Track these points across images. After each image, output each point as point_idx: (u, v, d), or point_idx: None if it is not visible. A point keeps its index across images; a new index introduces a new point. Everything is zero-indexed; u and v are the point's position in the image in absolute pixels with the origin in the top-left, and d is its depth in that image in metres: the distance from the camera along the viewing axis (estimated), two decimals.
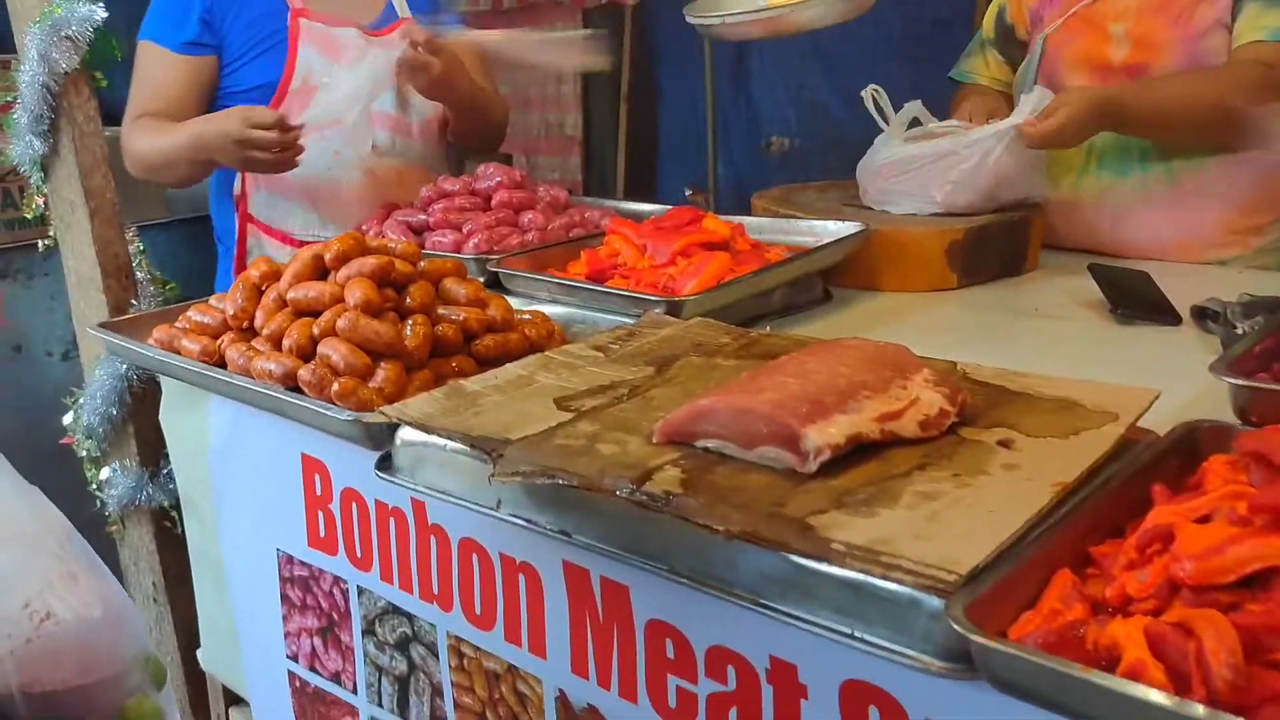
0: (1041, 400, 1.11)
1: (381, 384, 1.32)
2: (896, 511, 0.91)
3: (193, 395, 1.63)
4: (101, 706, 1.43)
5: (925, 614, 0.82)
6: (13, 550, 1.39)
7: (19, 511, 1.43)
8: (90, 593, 1.43)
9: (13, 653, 1.36)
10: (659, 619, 1.06)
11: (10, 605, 1.37)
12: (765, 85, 4.24)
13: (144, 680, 1.48)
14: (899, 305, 1.78)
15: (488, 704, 1.29)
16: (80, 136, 1.73)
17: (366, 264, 1.40)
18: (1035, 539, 0.86)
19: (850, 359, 1.11)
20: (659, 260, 1.70)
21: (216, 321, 1.52)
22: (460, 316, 1.43)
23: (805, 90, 4.11)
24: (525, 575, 1.19)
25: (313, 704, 1.60)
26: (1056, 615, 0.80)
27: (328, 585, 1.49)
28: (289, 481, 1.49)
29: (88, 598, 1.42)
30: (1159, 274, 1.69)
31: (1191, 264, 1.96)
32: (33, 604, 1.37)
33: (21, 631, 1.36)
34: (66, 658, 1.38)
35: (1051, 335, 1.62)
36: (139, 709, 1.46)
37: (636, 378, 1.26)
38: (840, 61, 3.87)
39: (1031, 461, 0.98)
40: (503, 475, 1.04)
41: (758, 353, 1.32)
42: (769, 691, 0.98)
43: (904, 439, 1.04)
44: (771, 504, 0.93)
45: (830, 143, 3.95)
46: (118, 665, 1.45)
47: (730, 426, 1.03)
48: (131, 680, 1.46)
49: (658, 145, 4.70)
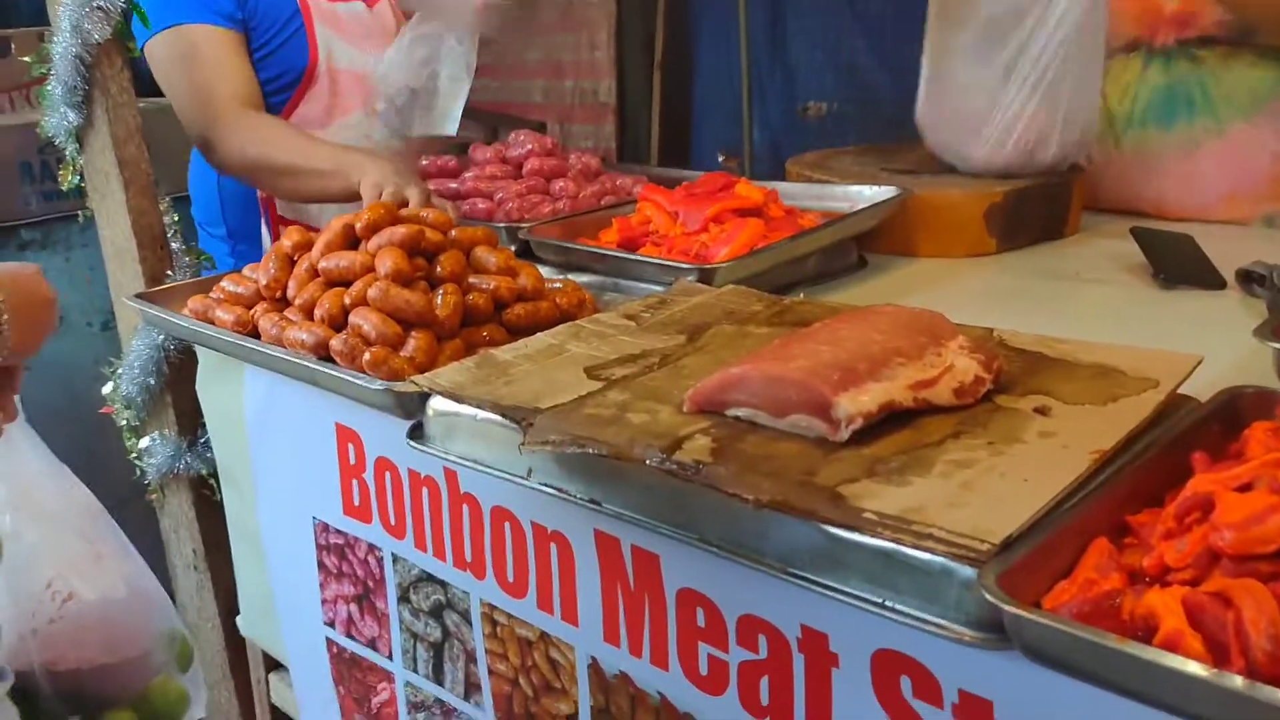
0: (1079, 367, 1.09)
1: (413, 353, 1.32)
2: (929, 480, 0.89)
3: (228, 365, 1.64)
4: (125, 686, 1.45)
5: (958, 583, 0.81)
6: (38, 530, 1.42)
7: (46, 491, 1.45)
8: (114, 573, 1.45)
9: (35, 632, 1.39)
10: (690, 588, 1.06)
11: (34, 585, 1.39)
12: (802, 48, 4.17)
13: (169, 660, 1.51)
14: (936, 271, 1.76)
15: (520, 671, 1.30)
16: (114, 107, 1.74)
17: (397, 233, 1.40)
18: (1071, 507, 0.85)
19: (884, 325, 1.10)
20: (691, 227, 1.69)
21: (250, 292, 1.53)
22: (491, 285, 1.43)
23: (843, 53, 4.04)
24: (557, 544, 1.19)
25: (350, 669, 1.61)
26: (1092, 585, 0.79)
27: (363, 553, 1.50)
28: (324, 451, 1.50)
29: (112, 578, 1.44)
30: (1203, 237, 1.66)
31: (1238, 224, 1.91)
32: (55, 584, 1.40)
33: (45, 611, 1.39)
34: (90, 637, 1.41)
35: (1092, 300, 1.59)
36: (163, 689, 1.49)
37: (668, 346, 1.25)
38: (879, 23, 3.80)
39: (1068, 429, 0.96)
40: (533, 444, 1.04)
41: (790, 320, 1.31)
42: (800, 660, 0.98)
43: (938, 407, 1.02)
44: (802, 473, 0.92)
45: (868, 106, 3.88)
46: (142, 645, 1.47)
47: (761, 395, 1.02)
48: (156, 660, 1.48)
49: (692, 111, 4.65)
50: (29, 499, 1.46)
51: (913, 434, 0.98)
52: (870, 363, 1.03)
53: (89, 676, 1.44)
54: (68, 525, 1.48)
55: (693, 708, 1.09)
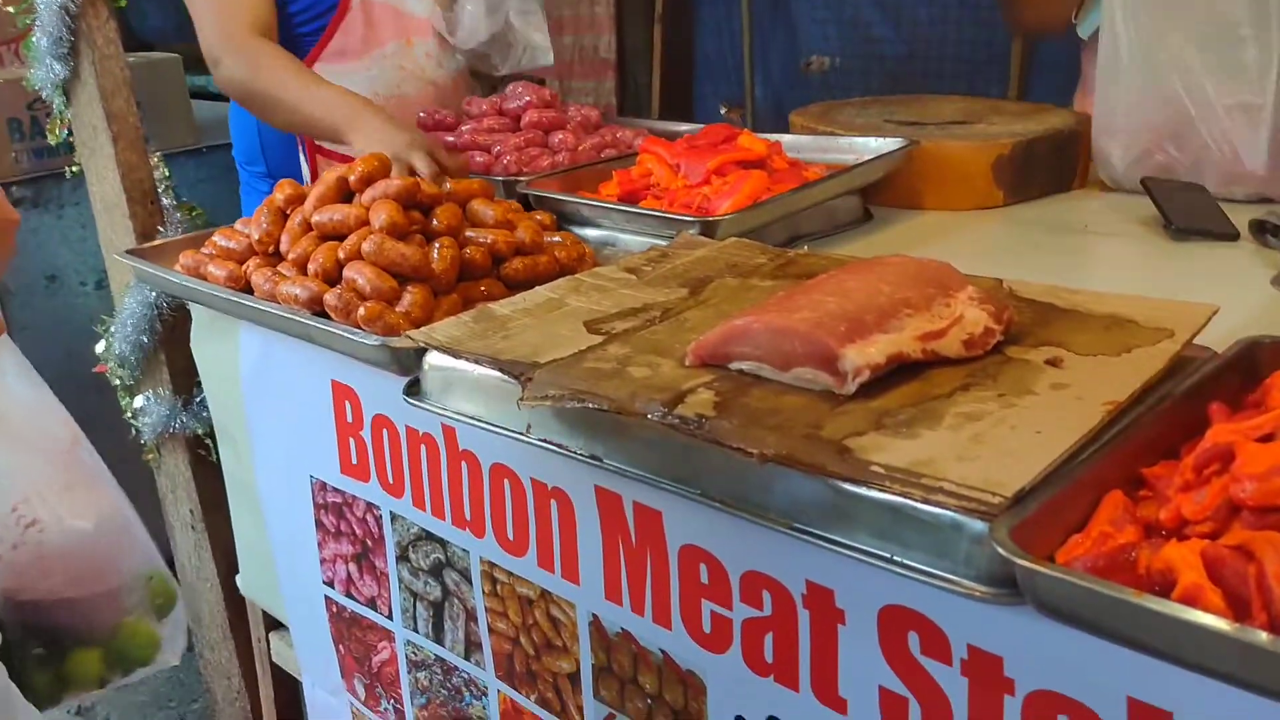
0: (1092, 317, 1.06)
1: (408, 308, 1.29)
2: (938, 433, 0.87)
3: (222, 322, 1.62)
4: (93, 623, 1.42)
5: (968, 538, 0.79)
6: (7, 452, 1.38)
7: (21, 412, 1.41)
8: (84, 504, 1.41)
9: None
10: (693, 544, 1.04)
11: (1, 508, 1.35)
12: (804, 2, 4.11)
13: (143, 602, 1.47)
14: (942, 224, 1.73)
15: (521, 629, 1.28)
16: (100, 59, 1.70)
17: (391, 185, 1.37)
18: (1085, 460, 0.82)
19: (891, 276, 1.07)
20: (693, 180, 1.66)
21: (242, 246, 1.50)
22: (488, 239, 1.40)
23: (846, 7, 3.98)
24: (557, 501, 1.17)
25: (349, 628, 1.60)
26: (1107, 538, 0.76)
27: (361, 512, 1.48)
28: (320, 408, 1.48)
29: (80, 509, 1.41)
30: None
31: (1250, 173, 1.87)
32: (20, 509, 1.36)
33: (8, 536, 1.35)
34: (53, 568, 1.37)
35: (1103, 253, 1.56)
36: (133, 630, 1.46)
37: (669, 300, 1.22)
38: None
39: (1081, 380, 0.94)
40: (531, 399, 1.01)
41: (795, 273, 1.28)
42: (805, 617, 0.96)
43: (947, 359, 0.99)
44: (808, 426, 0.90)
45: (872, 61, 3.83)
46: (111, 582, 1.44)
47: (765, 347, 0.99)
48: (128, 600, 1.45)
49: (693, 67, 4.59)
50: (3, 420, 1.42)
51: (921, 386, 0.96)
52: (877, 314, 1.00)
53: (53, 609, 1.40)
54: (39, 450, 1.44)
55: (696, 665, 1.08)
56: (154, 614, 1.53)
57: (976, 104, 2.08)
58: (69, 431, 1.49)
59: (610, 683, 1.18)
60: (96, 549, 1.45)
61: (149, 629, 1.52)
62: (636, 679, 1.15)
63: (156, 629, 1.53)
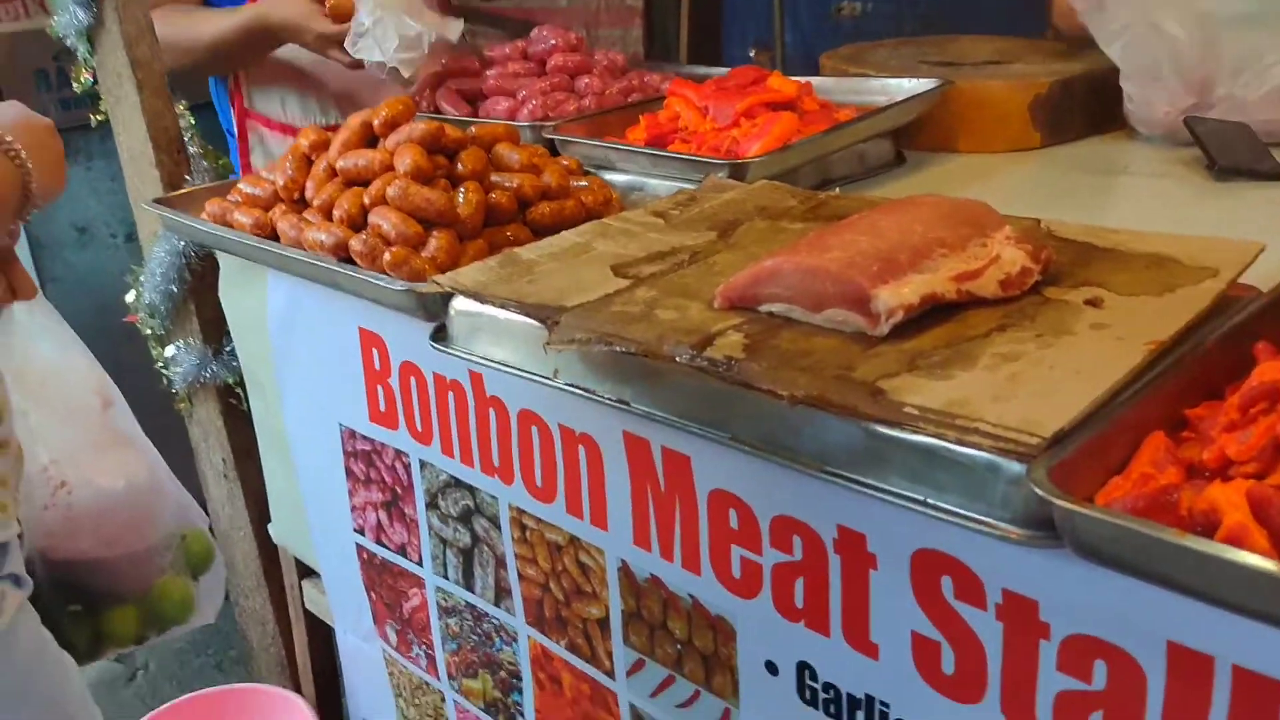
0: (1133, 256, 1.03)
1: (434, 253, 1.28)
2: (974, 373, 0.85)
3: (250, 270, 1.61)
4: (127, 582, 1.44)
5: (1004, 479, 0.77)
6: (43, 412, 1.38)
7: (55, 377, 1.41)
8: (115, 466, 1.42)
9: (30, 517, 1.36)
10: (722, 489, 1.02)
11: (32, 468, 1.36)
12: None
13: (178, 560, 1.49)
14: (977, 167, 1.69)
15: (550, 575, 1.28)
16: (123, 5, 1.68)
17: (416, 129, 1.35)
18: (1125, 400, 0.80)
19: (925, 215, 1.04)
20: (721, 122, 1.62)
21: (267, 193, 1.49)
22: (514, 183, 1.38)
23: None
24: (585, 446, 1.16)
25: (380, 576, 1.61)
26: (1148, 480, 0.74)
27: (390, 459, 1.48)
28: (348, 356, 1.47)
29: (111, 471, 1.42)
30: None
31: None
32: (51, 470, 1.37)
33: (39, 496, 1.36)
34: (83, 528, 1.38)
35: (1144, 194, 1.52)
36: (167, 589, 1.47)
37: (698, 243, 1.20)
38: None
39: (1122, 320, 0.91)
40: (558, 343, 1.00)
41: (826, 215, 1.25)
42: (836, 562, 0.95)
43: (983, 299, 0.97)
44: (840, 368, 0.88)
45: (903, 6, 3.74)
46: (144, 542, 1.45)
47: (796, 288, 0.97)
48: (161, 559, 1.47)
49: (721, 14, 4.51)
50: (36, 380, 1.43)
51: (956, 327, 0.94)
52: (911, 253, 0.98)
53: (86, 569, 1.42)
54: (71, 413, 1.45)
55: (725, 611, 1.07)
56: (189, 573, 1.55)
57: (1013, 44, 2.02)
58: (102, 394, 1.50)
59: (640, 628, 1.18)
60: (127, 510, 1.47)
61: (184, 588, 1.54)
62: (666, 624, 1.15)
63: (191, 588, 1.55)
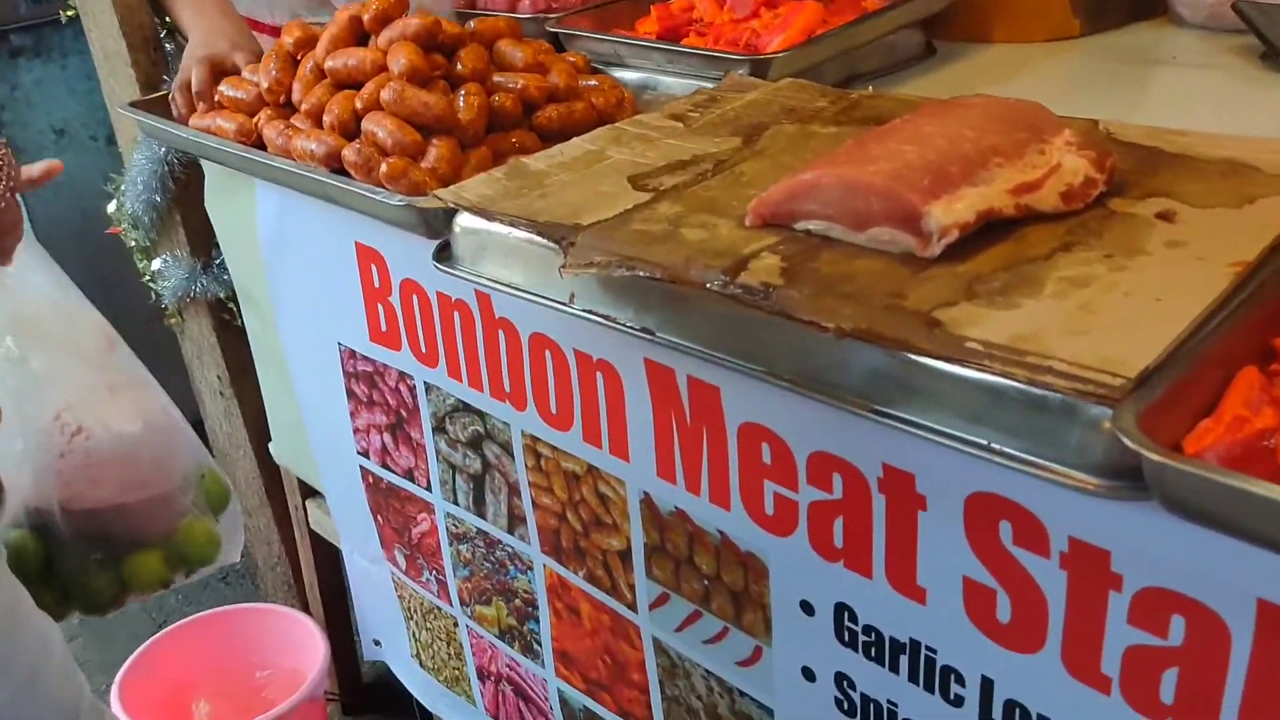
0: (1206, 163, 0.94)
1: (434, 163, 1.18)
2: (1041, 301, 0.77)
3: (237, 180, 1.51)
4: (149, 527, 1.38)
5: (1081, 424, 0.69)
6: (44, 356, 1.31)
7: (53, 316, 1.34)
8: (129, 408, 1.35)
9: (47, 467, 1.30)
10: (754, 422, 0.95)
11: (43, 416, 1.30)
12: None
13: (198, 500, 1.43)
14: (1013, 57, 1.57)
15: (568, 505, 1.22)
16: None
17: (410, 25, 1.24)
18: (1213, 331, 0.72)
19: (976, 120, 0.95)
20: (740, 13, 1.51)
21: (251, 96, 1.38)
22: (518, 85, 1.27)
23: None
24: (603, 373, 1.08)
25: (387, 499, 1.55)
26: (1242, 423, 0.66)
27: (394, 381, 1.41)
28: (345, 272, 1.38)
29: (126, 413, 1.35)
30: None
31: None
32: (64, 416, 1.30)
33: (53, 445, 1.30)
34: (104, 474, 1.32)
35: (1196, 87, 1.41)
36: (190, 531, 1.42)
37: (721, 150, 1.10)
38: None
39: (1200, 237, 0.82)
40: (575, 267, 0.91)
41: (860, 117, 1.15)
42: (881, 502, 0.88)
43: (1042, 214, 0.88)
44: (889, 295, 0.80)
45: None
46: (164, 485, 1.39)
47: (837, 204, 0.88)
48: (182, 501, 1.41)
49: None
50: (34, 323, 1.35)
51: (1014, 247, 0.85)
52: (964, 164, 0.88)
53: (108, 516, 1.36)
54: (77, 354, 1.38)
55: (757, 547, 1.01)
56: (210, 512, 1.49)
57: None
58: (105, 334, 1.42)
59: (664, 562, 1.12)
60: (147, 452, 1.40)
61: (207, 528, 1.48)
62: (692, 559, 1.09)
63: (214, 527, 1.50)
